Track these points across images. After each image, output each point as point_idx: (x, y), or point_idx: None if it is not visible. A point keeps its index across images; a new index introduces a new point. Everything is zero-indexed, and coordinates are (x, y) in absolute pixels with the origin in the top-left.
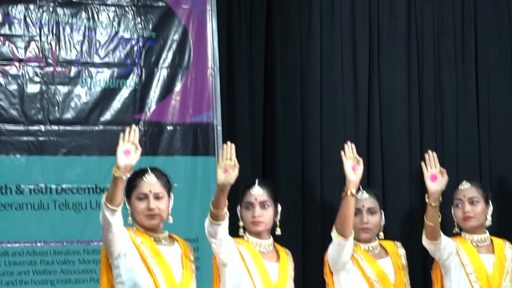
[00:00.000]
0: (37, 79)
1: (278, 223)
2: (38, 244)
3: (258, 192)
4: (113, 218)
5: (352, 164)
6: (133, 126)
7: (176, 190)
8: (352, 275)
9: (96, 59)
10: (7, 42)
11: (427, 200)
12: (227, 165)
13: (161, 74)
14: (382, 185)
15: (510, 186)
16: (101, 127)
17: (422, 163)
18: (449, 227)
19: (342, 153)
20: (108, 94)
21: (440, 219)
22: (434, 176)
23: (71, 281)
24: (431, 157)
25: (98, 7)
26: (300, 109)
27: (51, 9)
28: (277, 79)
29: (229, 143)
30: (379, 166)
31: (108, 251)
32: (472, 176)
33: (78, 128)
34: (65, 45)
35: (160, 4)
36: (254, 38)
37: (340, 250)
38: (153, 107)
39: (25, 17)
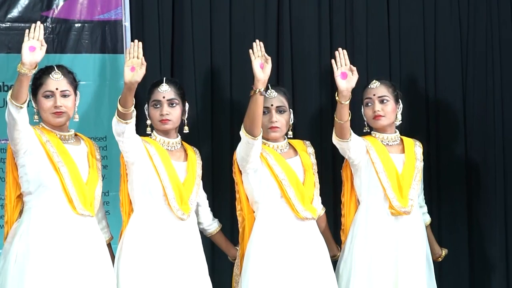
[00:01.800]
0: None
1: (185, 121)
2: None
3: (166, 90)
4: (19, 115)
5: (261, 62)
6: (38, 22)
7: (84, 88)
8: (260, 174)
9: None
10: None
11: (337, 98)
12: (134, 63)
13: None
14: (292, 84)
15: (420, 84)
16: (8, 24)
17: (332, 61)
18: (359, 127)
19: (250, 51)
20: None
21: (350, 117)
22: (344, 74)
23: None
24: (341, 54)
25: None
26: (209, 6)
27: None
28: None
29: (136, 41)
30: (288, 64)
31: (14, 149)
32: (382, 74)
33: None
34: None
35: None
36: None
37: (249, 149)
38: (60, 4)
39: None
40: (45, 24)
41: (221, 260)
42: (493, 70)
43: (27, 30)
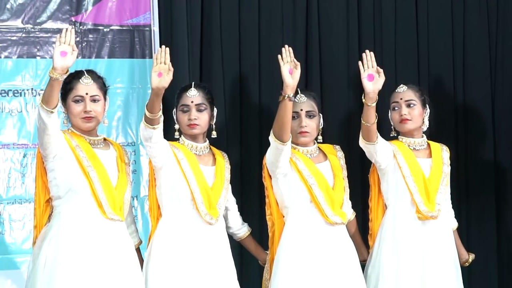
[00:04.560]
0: None
1: (214, 126)
2: None
3: (194, 95)
4: (49, 120)
5: (289, 68)
6: (70, 27)
7: (113, 93)
8: (290, 178)
9: None
10: None
11: (363, 100)
12: (161, 68)
13: None
14: (321, 88)
15: (449, 88)
16: (37, 28)
17: (359, 63)
18: (387, 132)
19: (279, 57)
20: None
21: (376, 119)
22: (371, 76)
23: None
24: (368, 56)
25: None
26: (238, 11)
27: None
28: None
29: (163, 46)
30: (317, 69)
31: (43, 154)
32: (410, 77)
33: (14, 29)
34: None
35: None
36: None
37: (278, 154)
38: (89, 8)
39: None
40: (73, 29)
41: (250, 265)
42: None
43: (58, 35)
